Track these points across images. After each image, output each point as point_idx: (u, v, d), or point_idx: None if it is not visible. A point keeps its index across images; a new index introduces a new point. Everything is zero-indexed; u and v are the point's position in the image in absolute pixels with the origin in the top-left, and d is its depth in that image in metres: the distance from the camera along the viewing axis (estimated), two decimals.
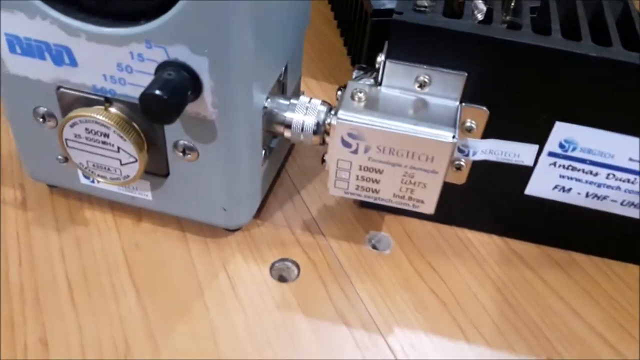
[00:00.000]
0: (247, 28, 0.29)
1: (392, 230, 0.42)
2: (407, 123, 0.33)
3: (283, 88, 0.38)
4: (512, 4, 0.40)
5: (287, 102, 0.36)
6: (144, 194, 0.37)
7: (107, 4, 0.29)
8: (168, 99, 0.28)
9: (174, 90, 0.29)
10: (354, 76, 0.37)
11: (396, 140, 0.33)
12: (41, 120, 0.35)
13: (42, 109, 0.35)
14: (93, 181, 0.38)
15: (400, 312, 0.37)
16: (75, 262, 0.37)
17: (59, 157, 0.36)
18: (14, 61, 0.33)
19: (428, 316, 0.37)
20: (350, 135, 0.34)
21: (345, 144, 0.34)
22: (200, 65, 0.30)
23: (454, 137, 0.33)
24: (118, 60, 0.31)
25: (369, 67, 0.38)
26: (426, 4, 0.36)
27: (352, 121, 0.33)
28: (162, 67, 0.30)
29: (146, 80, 0.31)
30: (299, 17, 0.38)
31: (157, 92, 0.28)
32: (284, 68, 0.37)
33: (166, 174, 0.36)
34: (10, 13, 0.31)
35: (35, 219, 0.39)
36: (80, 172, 0.37)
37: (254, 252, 0.39)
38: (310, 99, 0.37)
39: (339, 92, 0.38)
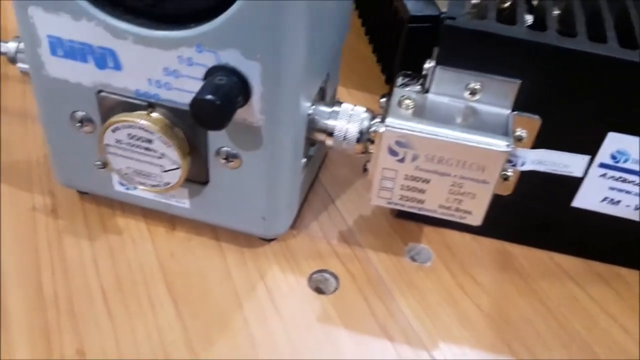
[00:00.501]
0: (301, 33, 0.28)
1: (431, 242, 0.41)
2: (459, 131, 0.32)
3: (323, 95, 0.37)
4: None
5: (330, 109, 0.35)
6: (181, 202, 0.36)
7: (157, 6, 0.28)
8: (221, 105, 0.27)
9: (226, 96, 0.28)
10: (398, 83, 0.36)
11: (446, 149, 0.32)
12: (78, 124, 0.34)
13: (80, 113, 0.34)
14: (128, 188, 0.37)
15: (444, 327, 0.35)
16: (110, 272, 0.36)
17: (98, 162, 0.34)
18: (54, 64, 0.32)
19: (473, 331, 0.35)
20: (398, 143, 0.33)
21: (392, 153, 0.33)
22: (251, 70, 0.29)
23: (508, 146, 0.31)
24: (165, 65, 0.30)
25: (414, 74, 0.37)
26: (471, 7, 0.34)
27: (400, 129, 0.32)
28: (211, 72, 0.29)
29: (193, 85, 0.30)
30: (342, 23, 0.37)
31: (210, 97, 0.27)
32: (326, 74, 0.36)
33: (205, 181, 0.35)
34: (55, 14, 0.30)
35: (66, 227, 0.38)
36: (114, 179, 0.36)
37: (291, 263, 0.38)
38: (354, 106, 0.36)
39: (382, 100, 0.36)
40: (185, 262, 0.37)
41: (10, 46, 0.38)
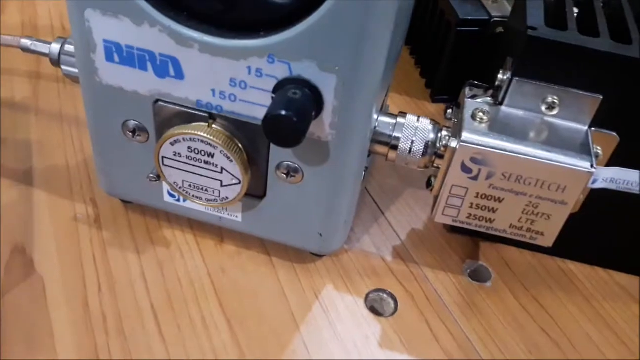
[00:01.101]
0: (385, 42, 0.26)
1: (489, 259, 0.39)
2: (540, 149, 0.30)
3: (382, 105, 0.35)
4: None
5: (394, 121, 0.33)
6: (234, 215, 0.34)
7: (227, 12, 0.26)
8: (298, 122, 0.25)
9: (301, 112, 0.26)
10: (467, 94, 0.34)
11: (526, 168, 0.30)
12: (130, 134, 0.32)
13: (133, 122, 0.32)
14: (178, 199, 0.35)
15: (512, 354, 0.34)
16: (159, 289, 0.34)
17: (151, 175, 0.32)
18: (109, 71, 0.30)
19: (542, 359, 0.33)
20: (473, 160, 0.31)
21: (465, 170, 0.31)
22: (326, 83, 0.27)
23: (592, 166, 0.29)
24: (232, 75, 0.28)
25: (481, 84, 0.35)
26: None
27: (477, 145, 0.30)
28: (282, 84, 0.27)
29: (261, 97, 0.28)
30: (407, 26, 0.35)
31: (287, 113, 0.25)
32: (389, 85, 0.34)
33: (262, 196, 0.33)
34: (115, 18, 0.27)
35: (111, 239, 0.36)
36: (164, 189, 0.34)
37: (346, 281, 0.36)
38: (418, 117, 0.34)
39: (449, 111, 0.34)
40: (237, 278, 0.35)
41: (54, 48, 0.36)
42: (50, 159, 0.41)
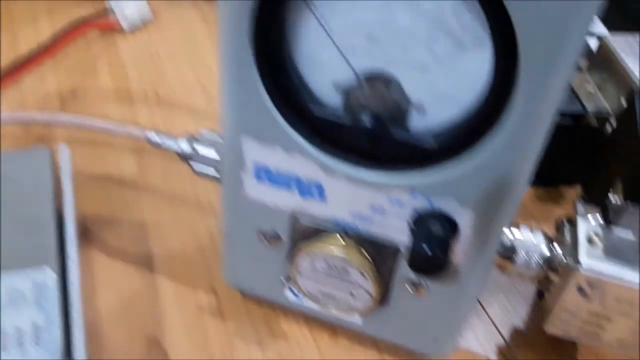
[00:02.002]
0: (521, 187, 0.28)
1: None
2: None
3: None
4: None
5: (510, 235, 0.35)
6: (353, 317, 0.37)
7: (376, 150, 0.29)
8: (441, 257, 0.27)
9: (444, 247, 0.28)
10: (579, 211, 0.36)
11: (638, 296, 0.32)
12: (264, 239, 0.35)
13: (269, 230, 0.35)
14: (300, 298, 0.37)
15: None
16: None
17: (282, 278, 0.35)
18: (254, 186, 0.33)
19: None
20: (589, 284, 0.33)
21: (580, 291, 0.33)
22: (465, 217, 0.29)
23: None
24: (372, 202, 0.30)
25: (590, 200, 0.37)
26: None
27: (594, 271, 0.32)
28: (421, 215, 0.30)
29: (398, 222, 0.30)
30: None
31: (431, 250, 0.27)
32: None
33: (385, 302, 0.35)
34: (269, 147, 0.30)
35: (235, 330, 0.39)
36: (287, 288, 0.37)
37: None
38: (532, 229, 0.36)
39: (564, 227, 0.36)
40: None
41: (183, 146, 0.39)
42: (166, 242, 0.44)
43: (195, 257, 0.43)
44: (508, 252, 0.36)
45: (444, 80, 0.26)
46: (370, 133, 0.29)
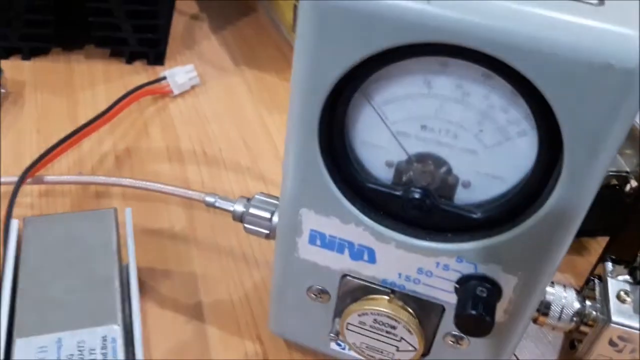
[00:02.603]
0: (563, 249, 0.31)
1: None
2: None
3: None
4: None
5: (546, 293, 0.38)
6: None
7: (426, 220, 0.32)
8: (488, 319, 0.30)
9: (488, 308, 0.31)
10: (608, 270, 0.39)
11: None
12: (313, 295, 0.38)
13: (318, 287, 0.37)
14: (344, 348, 0.40)
15: None
16: None
17: (331, 334, 0.38)
18: (308, 250, 0.35)
19: None
20: (620, 338, 0.35)
21: (612, 344, 0.36)
22: (507, 282, 0.32)
23: None
24: (420, 266, 0.33)
25: (619, 259, 0.39)
26: None
27: (625, 326, 0.35)
28: (467, 278, 0.32)
29: (443, 284, 0.33)
30: None
31: (477, 313, 0.30)
32: None
33: (425, 354, 0.38)
34: (325, 217, 0.33)
35: None
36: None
37: None
38: (564, 287, 0.38)
39: (591, 282, 0.39)
40: None
41: (237, 208, 0.42)
42: (215, 293, 0.47)
43: (241, 307, 0.46)
44: (543, 308, 0.38)
45: (490, 164, 0.29)
46: (418, 205, 0.32)
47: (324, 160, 0.31)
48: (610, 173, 0.52)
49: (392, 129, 0.29)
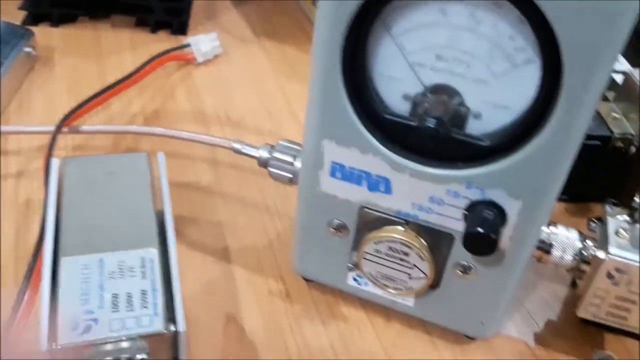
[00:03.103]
0: (563, 177, 0.34)
1: (614, 349, 0.45)
2: None
3: None
4: None
5: (548, 231, 0.41)
6: (406, 300, 0.42)
7: (439, 149, 0.35)
8: (493, 238, 0.33)
9: (495, 229, 0.34)
10: (608, 212, 0.41)
11: None
12: (333, 230, 0.41)
13: (338, 222, 0.41)
14: (360, 283, 0.43)
15: None
16: (347, 357, 0.42)
17: (349, 264, 0.41)
18: (329, 183, 0.39)
19: None
20: (617, 270, 0.38)
21: (609, 277, 0.38)
22: (512, 206, 0.35)
23: None
24: (432, 194, 0.36)
25: (618, 203, 0.42)
26: None
27: (621, 258, 0.38)
28: (475, 204, 0.35)
29: (454, 212, 0.36)
30: None
31: (487, 232, 0.33)
32: None
33: (436, 286, 0.41)
34: (345, 148, 0.36)
35: (301, 312, 0.45)
36: (349, 275, 0.43)
37: None
38: (567, 227, 0.41)
39: (593, 225, 0.42)
40: (406, 354, 0.43)
41: (262, 153, 0.45)
42: (240, 239, 0.50)
43: (265, 251, 0.49)
44: (546, 246, 0.41)
45: (499, 93, 0.32)
46: (433, 134, 0.35)
47: (347, 91, 0.34)
48: (616, 136, 0.55)
49: (409, 60, 0.33)
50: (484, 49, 0.31)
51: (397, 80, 0.34)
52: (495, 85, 0.32)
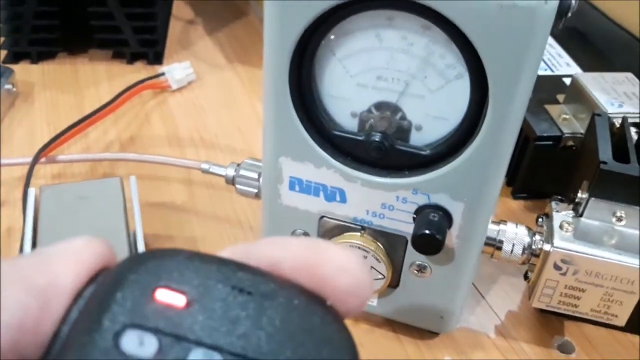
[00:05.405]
0: (500, 182, 0.37)
1: (573, 335, 0.48)
2: (615, 253, 0.40)
3: None
4: None
5: (498, 228, 0.44)
6: (370, 301, 0.45)
7: (385, 160, 0.38)
8: (439, 238, 0.36)
9: (441, 230, 0.37)
10: (553, 207, 0.44)
11: (604, 267, 0.40)
12: None
13: (300, 231, 0.43)
14: None
15: None
16: None
17: None
18: (289, 196, 0.41)
19: None
20: (563, 261, 0.41)
21: (557, 268, 0.41)
22: (456, 208, 0.38)
23: None
24: (383, 201, 0.39)
25: (563, 199, 0.45)
26: None
27: (566, 250, 0.41)
28: (422, 208, 0.38)
29: (404, 216, 0.39)
30: None
31: (433, 233, 0.36)
32: None
33: (396, 286, 0.44)
34: (301, 163, 0.39)
35: None
36: None
37: (461, 355, 0.46)
38: (517, 224, 0.44)
39: (540, 220, 0.45)
40: (374, 352, 0.46)
41: (229, 172, 0.48)
42: (214, 252, 0.53)
43: None
44: (497, 243, 0.44)
45: (436, 106, 0.35)
46: (379, 147, 0.38)
47: (297, 112, 0.37)
48: (567, 135, 0.58)
49: (354, 81, 0.36)
50: (419, 68, 0.34)
51: (344, 100, 0.37)
52: (432, 100, 0.35)
